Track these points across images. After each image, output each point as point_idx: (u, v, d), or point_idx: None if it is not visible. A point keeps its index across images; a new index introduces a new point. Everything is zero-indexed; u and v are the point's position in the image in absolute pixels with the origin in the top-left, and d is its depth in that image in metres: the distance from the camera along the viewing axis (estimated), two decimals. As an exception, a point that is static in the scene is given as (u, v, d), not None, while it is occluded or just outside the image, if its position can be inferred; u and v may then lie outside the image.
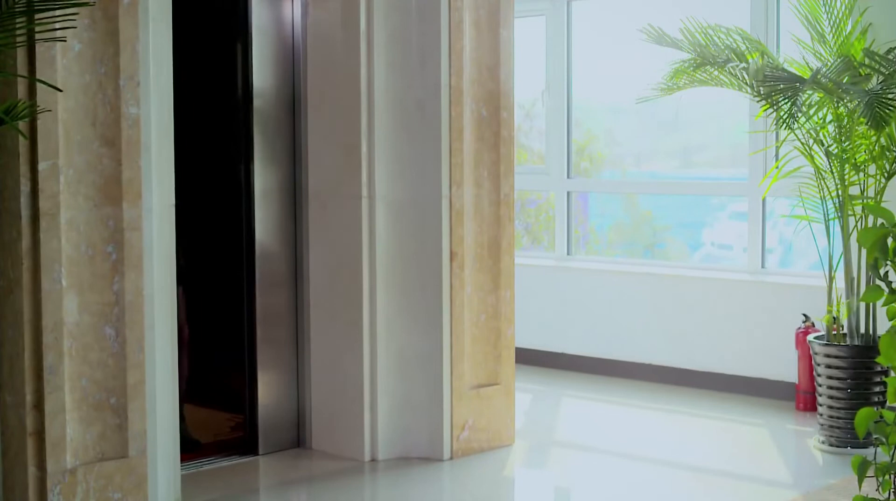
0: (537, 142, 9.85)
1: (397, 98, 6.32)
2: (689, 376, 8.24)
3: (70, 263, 4.91)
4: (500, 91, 6.57)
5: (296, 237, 6.62)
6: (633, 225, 9.98)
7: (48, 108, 4.69)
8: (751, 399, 7.82)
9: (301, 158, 6.58)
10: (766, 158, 7.90)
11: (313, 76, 6.49)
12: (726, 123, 9.12)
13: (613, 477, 6.28)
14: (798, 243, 8.42)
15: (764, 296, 7.97)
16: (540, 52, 9.28)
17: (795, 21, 7.07)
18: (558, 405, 8.03)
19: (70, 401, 4.91)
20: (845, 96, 6.50)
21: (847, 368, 6.54)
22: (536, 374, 8.61)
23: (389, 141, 6.32)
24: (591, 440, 7.02)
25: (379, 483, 6.12)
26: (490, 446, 6.56)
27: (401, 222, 6.29)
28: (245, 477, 6.13)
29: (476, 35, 6.47)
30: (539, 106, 9.60)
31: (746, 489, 6.11)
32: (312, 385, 6.57)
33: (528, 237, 10.17)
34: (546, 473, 6.51)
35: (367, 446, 6.34)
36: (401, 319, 6.30)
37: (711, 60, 6.91)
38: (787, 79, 6.62)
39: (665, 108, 8.80)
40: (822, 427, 6.68)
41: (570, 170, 9.26)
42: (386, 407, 6.34)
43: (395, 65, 6.31)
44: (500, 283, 6.60)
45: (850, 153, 6.68)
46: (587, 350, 8.77)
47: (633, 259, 9.39)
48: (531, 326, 8.72)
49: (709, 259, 9.59)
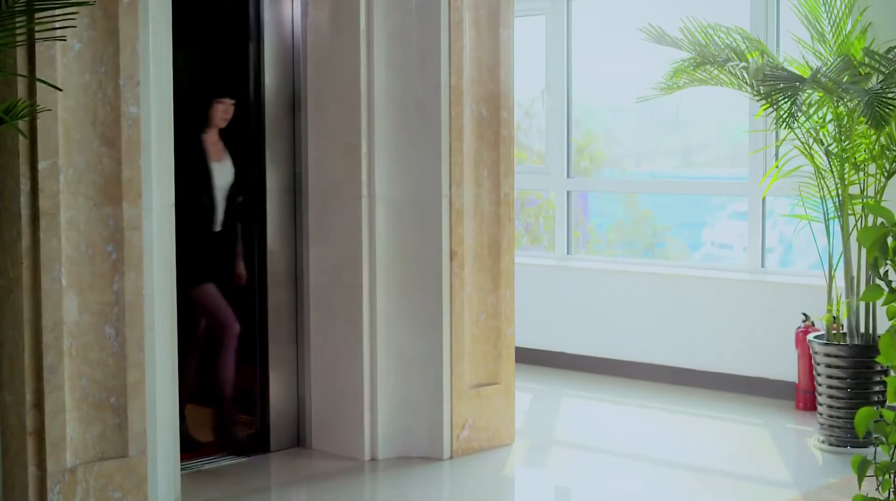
0: (537, 141, 9.84)
1: (397, 98, 6.32)
2: (690, 375, 8.24)
3: (70, 262, 4.91)
4: (500, 91, 6.57)
5: (296, 237, 6.62)
6: (633, 225, 9.98)
7: (48, 107, 4.69)
8: (751, 399, 7.81)
9: (301, 157, 6.58)
10: (765, 158, 7.90)
11: (313, 76, 6.49)
12: (726, 122, 9.11)
13: (613, 477, 6.28)
14: (798, 242, 8.42)
15: (764, 295, 7.97)
16: (539, 51, 9.27)
17: (796, 20, 7.06)
18: (558, 404, 8.03)
19: (70, 400, 4.91)
20: (845, 96, 6.50)
21: (847, 367, 6.54)
22: (536, 373, 8.61)
23: (389, 141, 6.32)
24: (590, 439, 7.02)
25: (379, 482, 6.12)
26: (490, 445, 6.56)
27: (401, 221, 6.30)
28: (245, 477, 6.13)
29: (476, 35, 6.47)
30: (538, 105, 9.60)
31: (746, 488, 6.11)
32: (312, 385, 6.57)
33: (529, 237, 10.17)
34: (546, 472, 6.51)
35: (367, 445, 6.34)
36: (401, 318, 6.30)
37: (711, 60, 6.90)
38: (786, 78, 6.61)
39: (665, 107, 8.80)
40: (821, 427, 6.68)
41: (570, 169, 9.26)
42: (386, 407, 6.34)
43: (395, 64, 6.31)
44: (500, 282, 6.60)
45: (849, 152, 6.68)
46: (587, 350, 8.77)
47: (633, 259, 9.39)
48: (531, 325, 8.72)
49: (709, 259, 9.59)
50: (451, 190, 6.31)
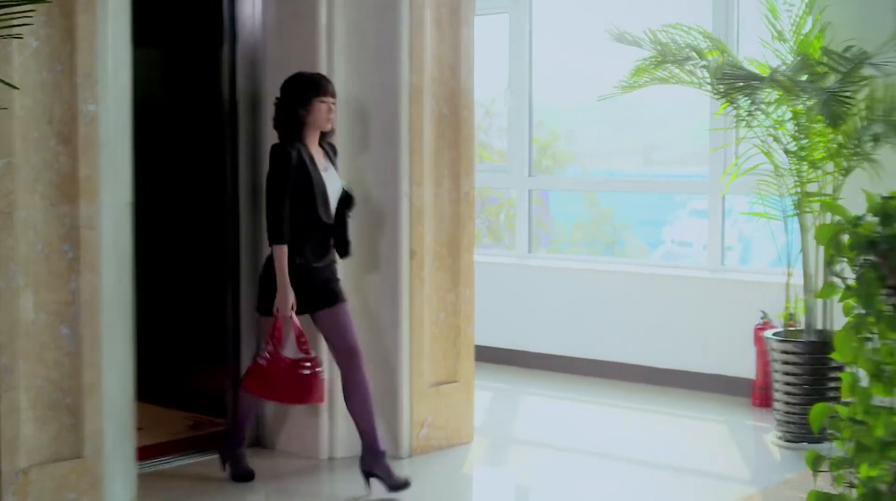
0: (498, 140, 9.86)
1: (357, 96, 6.31)
2: (649, 373, 8.27)
3: (26, 261, 4.87)
4: (461, 89, 6.57)
5: (256, 237, 6.58)
6: (593, 223, 10.01)
7: (4, 106, 4.65)
8: (710, 396, 7.86)
9: (260, 155, 6.55)
10: (725, 156, 7.94)
11: (272, 74, 6.46)
12: (687, 121, 9.16)
13: (571, 474, 6.29)
14: (758, 240, 8.48)
15: (723, 293, 8.02)
16: (502, 49, 9.28)
17: (758, 21, 7.10)
18: (518, 402, 8.05)
19: (25, 401, 4.87)
20: (803, 94, 6.54)
21: (802, 364, 6.58)
22: (497, 372, 8.62)
23: (349, 140, 6.30)
24: (550, 437, 7.04)
25: (336, 481, 6.11)
26: (449, 443, 6.56)
27: (360, 220, 6.27)
28: (202, 477, 6.10)
29: (437, 33, 6.46)
30: (500, 104, 9.61)
31: (704, 485, 6.14)
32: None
33: (490, 235, 10.18)
34: (504, 470, 6.52)
35: (325, 444, 6.32)
36: (360, 317, 6.27)
37: (672, 58, 6.94)
38: (745, 76, 6.66)
39: (627, 106, 8.84)
40: (778, 423, 6.72)
41: (532, 168, 9.28)
42: (343, 405, 6.32)
43: (354, 63, 6.29)
44: (459, 281, 6.60)
45: (808, 151, 6.72)
46: (547, 348, 8.79)
47: (594, 257, 9.42)
48: (492, 324, 8.72)
49: (669, 257, 9.64)
50: (411, 189, 6.30)
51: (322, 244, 5.75)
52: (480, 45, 6.88)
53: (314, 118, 5.69)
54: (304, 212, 5.66)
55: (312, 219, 5.68)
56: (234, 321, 6.56)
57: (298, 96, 5.68)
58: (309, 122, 5.69)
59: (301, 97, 5.68)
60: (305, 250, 5.67)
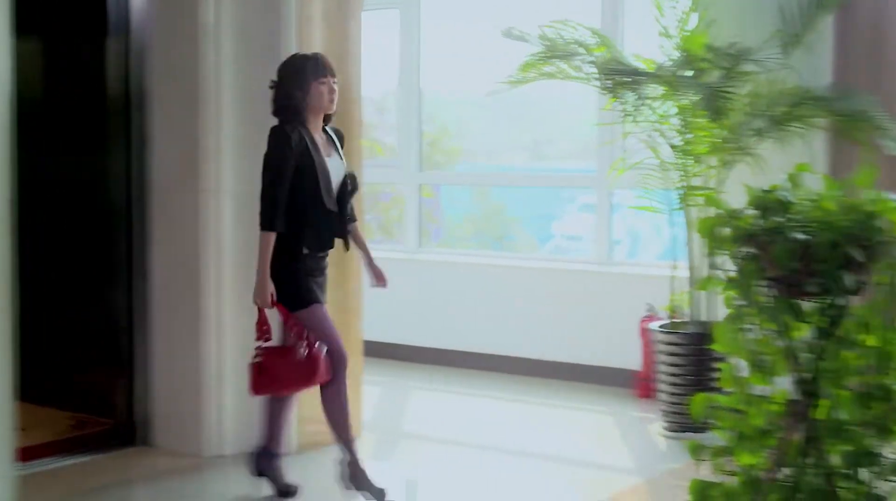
0: (390, 137, 9.84)
1: (245, 91, 6.24)
2: (538, 366, 8.33)
3: None
4: (349, 83, 6.54)
5: (144, 232, 6.49)
6: (484, 218, 10.05)
7: None
8: (598, 388, 7.94)
9: (149, 151, 6.45)
10: (613, 151, 8.02)
11: (159, 68, 6.38)
12: (576, 116, 9.24)
13: (459, 467, 6.31)
14: (646, 234, 8.58)
15: (611, 287, 8.10)
16: (393, 45, 9.26)
17: (644, 17, 7.18)
18: (407, 397, 8.05)
19: None
20: (687, 90, 6.63)
21: (685, 355, 6.67)
22: (386, 367, 8.61)
23: (238, 135, 6.24)
24: (438, 431, 7.06)
25: (221, 478, 6.04)
26: (338, 439, 6.52)
27: (249, 215, 6.20)
28: (82, 477, 5.99)
29: (326, 27, 6.42)
30: (391, 100, 9.60)
31: (590, 475, 6.20)
32: (157, 382, 6.46)
33: (381, 231, 10.17)
34: (392, 464, 6.51)
35: (212, 441, 6.26)
36: (247, 313, 6.21)
37: (559, 54, 6.99)
38: (630, 72, 6.74)
39: (516, 101, 8.88)
40: (663, 414, 6.81)
41: (422, 163, 9.28)
42: (232, 402, 6.27)
43: (242, 57, 6.23)
44: (348, 276, 6.58)
45: (692, 145, 6.81)
46: (436, 343, 8.80)
47: (483, 251, 9.46)
48: (381, 319, 8.70)
49: (559, 251, 9.71)
50: (297, 183, 6.25)
51: (325, 232, 5.50)
52: (372, 41, 6.85)
53: (314, 101, 5.40)
54: (308, 198, 5.37)
55: (316, 205, 5.41)
56: (127, 319, 6.46)
57: (295, 80, 5.37)
58: (309, 105, 5.41)
59: (298, 81, 5.37)
60: (308, 238, 5.42)
